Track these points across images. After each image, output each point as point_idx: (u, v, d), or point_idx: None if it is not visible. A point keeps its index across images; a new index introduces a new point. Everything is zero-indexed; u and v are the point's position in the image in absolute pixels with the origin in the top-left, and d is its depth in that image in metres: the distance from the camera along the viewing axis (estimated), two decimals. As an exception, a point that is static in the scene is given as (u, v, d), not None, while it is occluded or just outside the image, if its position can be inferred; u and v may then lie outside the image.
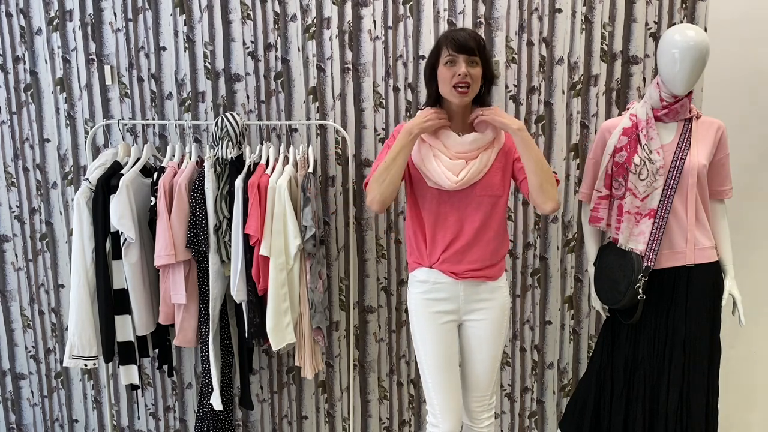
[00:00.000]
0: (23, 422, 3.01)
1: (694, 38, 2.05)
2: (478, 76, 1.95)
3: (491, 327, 2.11)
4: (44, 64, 2.71)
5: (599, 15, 2.59)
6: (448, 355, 2.11)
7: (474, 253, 2.05)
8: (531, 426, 2.90)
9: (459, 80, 1.91)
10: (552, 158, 2.68)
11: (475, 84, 1.94)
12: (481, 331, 2.12)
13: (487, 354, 2.14)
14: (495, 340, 2.13)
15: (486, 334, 2.12)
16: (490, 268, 2.08)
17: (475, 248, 2.05)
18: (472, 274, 2.06)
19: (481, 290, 2.09)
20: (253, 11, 2.63)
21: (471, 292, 2.09)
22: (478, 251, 2.05)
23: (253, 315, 2.41)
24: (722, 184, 2.25)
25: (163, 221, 2.37)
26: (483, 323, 2.11)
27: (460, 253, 2.04)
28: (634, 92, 2.63)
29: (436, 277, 2.08)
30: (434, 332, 2.10)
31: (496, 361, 2.17)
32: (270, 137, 2.69)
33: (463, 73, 1.90)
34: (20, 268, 2.87)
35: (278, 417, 2.92)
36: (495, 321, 2.12)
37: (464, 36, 1.92)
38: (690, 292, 2.17)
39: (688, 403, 2.18)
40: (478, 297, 2.10)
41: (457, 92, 1.93)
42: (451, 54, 1.91)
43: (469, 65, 1.91)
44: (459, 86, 1.91)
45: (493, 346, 2.14)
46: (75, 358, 2.45)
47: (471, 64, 1.92)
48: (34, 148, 2.78)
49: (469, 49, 1.90)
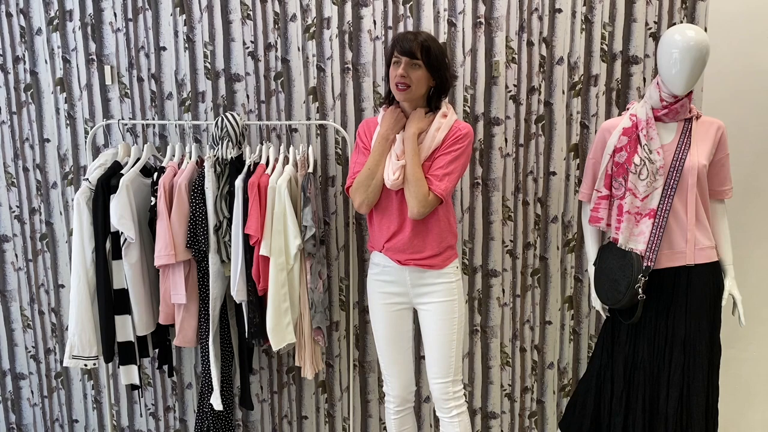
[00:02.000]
0: (23, 422, 3.01)
1: (694, 38, 2.05)
2: (420, 78, 2.10)
3: (439, 312, 2.23)
4: (44, 64, 2.71)
5: (599, 15, 2.59)
6: (395, 335, 2.31)
7: (415, 245, 2.18)
8: (531, 426, 2.90)
9: (397, 80, 2.09)
10: (552, 158, 2.68)
11: (416, 85, 2.10)
12: (430, 316, 2.24)
13: (437, 338, 2.24)
14: (444, 325, 2.23)
15: (434, 318, 2.23)
16: (433, 257, 2.20)
17: (416, 240, 2.18)
18: (414, 262, 2.20)
19: (427, 276, 2.22)
20: (253, 11, 2.63)
21: (416, 278, 2.23)
22: (419, 243, 2.18)
23: (253, 315, 2.41)
24: (722, 184, 2.25)
25: (163, 221, 2.37)
26: (431, 307, 2.24)
27: (401, 243, 2.19)
28: (634, 92, 2.63)
29: (385, 262, 2.25)
30: (383, 313, 2.30)
31: (448, 345, 2.24)
32: (270, 137, 2.69)
33: (400, 74, 2.08)
34: (20, 268, 2.87)
35: (278, 417, 2.92)
36: (442, 306, 2.22)
37: (410, 39, 2.08)
38: (690, 292, 2.18)
39: (688, 403, 2.18)
40: (424, 282, 2.23)
41: (397, 89, 2.11)
42: (396, 55, 2.10)
43: (410, 67, 2.08)
44: (398, 84, 2.10)
45: (442, 330, 2.23)
46: (75, 358, 2.45)
47: (412, 66, 2.09)
48: (34, 148, 2.78)
49: (410, 53, 2.07)
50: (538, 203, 2.72)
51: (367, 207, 2.19)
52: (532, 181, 2.71)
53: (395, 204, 2.18)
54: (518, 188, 2.71)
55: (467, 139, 2.15)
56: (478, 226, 2.73)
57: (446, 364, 2.25)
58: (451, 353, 2.25)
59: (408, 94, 2.11)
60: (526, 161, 2.69)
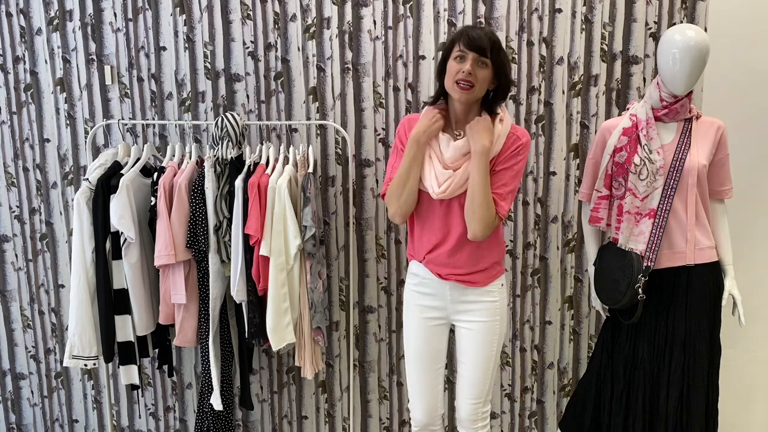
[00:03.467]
0: (23, 422, 3.01)
1: (694, 38, 2.05)
2: (485, 78, 1.91)
3: (480, 332, 2.08)
4: (44, 64, 2.71)
5: (599, 15, 2.59)
6: (429, 352, 2.13)
7: (459, 259, 2.03)
8: (531, 426, 2.90)
9: (462, 77, 1.88)
10: (552, 158, 2.68)
11: (480, 85, 1.91)
12: (470, 335, 2.09)
13: (475, 359, 2.10)
14: (484, 346, 2.09)
15: (473, 337, 2.09)
16: (476, 274, 2.05)
17: (459, 254, 2.02)
18: (456, 278, 2.05)
19: (469, 293, 2.07)
20: (253, 11, 2.63)
21: (458, 294, 2.08)
22: (463, 258, 2.02)
23: (253, 315, 2.41)
24: (722, 184, 2.25)
25: (163, 221, 2.37)
26: (471, 326, 2.09)
27: (444, 257, 2.03)
28: (634, 92, 2.63)
29: (425, 273, 2.10)
30: (420, 327, 2.13)
31: (485, 367, 2.11)
32: (270, 137, 2.69)
33: (467, 70, 1.87)
34: (20, 268, 2.87)
35: (278, 417, 2.92)
36: (484, 326, 2.07)
37: (478, 34, 1.89)
38: (690, 292, 2.17)
39: (688, 403, 2.18)
40: (466, 299, 2.08)
41: (458, 88, 1.90)
42: (461, 50, 1.89)
43: (476, 64, 1.89)
44: (461, 82, 1.89)
45: (481, 351, 2.09)
46: (75, 358, 2.45)
47: (479, 64, 1.89)
48: (34, 148, 2.78)
49: (480, 49, 1.87)
50: (538, 203, 2.72)
51: (401, 218, 2.02)
52: (532, 181, 2.71)
53: (439, 214, 2.01)
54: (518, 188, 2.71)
55: (527, 149, 1.99)
56: (478, 226, 2.73)
57: (481, 386, 2.12)
58: (488, 375, 2.11)
59: (470, 95, 1.90)
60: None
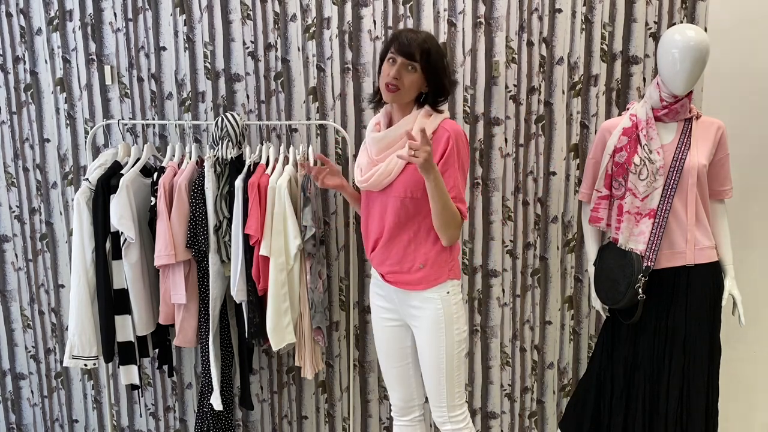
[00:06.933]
0: (23, 422, 3.01)
1: (694, 38, 2.05)
2: (413, 82, 1.93)
3: (424, 340, 2.06)
4: (44, 64, 2.71)
5: (599, 15, 2.59)
6: (392, 351, 2.18)
7: (393, 256, 2.02)
8: (531, 426, 2.90)
9: (388, 80, 1.93)
10: (552, 158, 2.68)
11: (407, 89, 1.93)
12: (419, 341, 2.09)
13: (425, 363, 2.09)
14: (430, 355, 2.05)
15: (422, 343, 2.07)
16: (406, 274, 2.02)
17: (392, 249, 2.02)
18: (393, 277, 2.05)
19: (412, 298, 2.05)
20: (253, 11, 2.63)
21: (404, 297, 2.07)
22: (396, 253, 2.02)
23: (253, 315, 2.41)
24: (722, 184, 2.25)
25: (163, 221, 2.37)
26: (417, 332, 2.08)
27: (381, 252, 2.05)
28: (634, 92, 2.63)
29: (375, 274, 2.16)
30: (379, 328, 2.20)
31: (436, 375, 2.06)
32: (270, 137, 2.69)
33: (393, 75, 1.91)
34: (20, 268, 2.87)
35: (278, 417, 2.92)
36: (429, 333, 2.03)
37: (410, 39, 1.91)
38: (690, 292, 2.18)
39: (688, 403, 2.18)
40: (410, 304, 2.06)
41: (385, 90, 1.95)
42: (392, 53, 1.93)
43: (405, 69, 1.92)
44: (389, 85, 1.93)
45: (427, 359, 2.06)
46: (75, 358, 2.46)
47: (408, 68, 1.92)
48: (34, 148, 2.78)
49: (408, 54, 1.90)
50: (538, 203, 2.72)
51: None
52: (532, 181, 2.71)
53: (375, 205, 2.05)
54: (518, 188, 2.71)
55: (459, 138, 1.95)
56: (478, 226, 2.73)
57: (436, 393, 2.08)
58: (441, 383, 2.06)
59: (396, 97, 1.95)
60: (526, 161, 2.69)
